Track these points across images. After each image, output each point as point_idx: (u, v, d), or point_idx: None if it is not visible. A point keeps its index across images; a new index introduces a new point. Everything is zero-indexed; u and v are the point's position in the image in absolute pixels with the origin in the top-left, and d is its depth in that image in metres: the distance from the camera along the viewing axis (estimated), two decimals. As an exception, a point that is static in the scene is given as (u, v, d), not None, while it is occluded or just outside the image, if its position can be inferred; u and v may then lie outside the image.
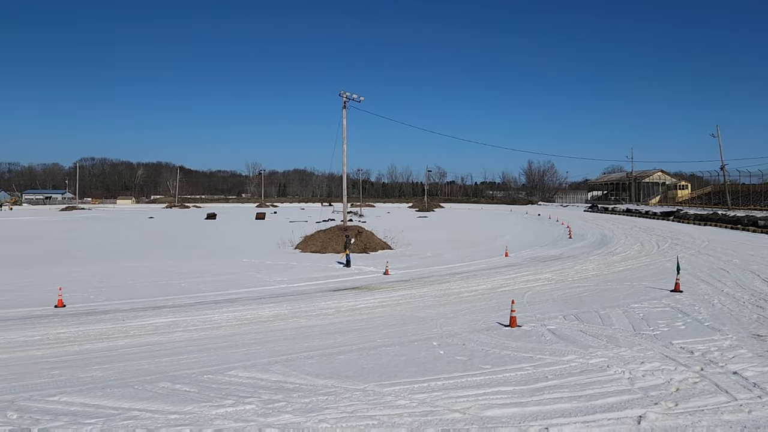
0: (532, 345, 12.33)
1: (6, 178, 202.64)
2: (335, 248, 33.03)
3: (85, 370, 10.94)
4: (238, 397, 9.13)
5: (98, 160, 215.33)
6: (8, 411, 8.58)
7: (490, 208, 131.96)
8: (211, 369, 10.80)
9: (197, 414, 8.37)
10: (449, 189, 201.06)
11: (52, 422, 8.10)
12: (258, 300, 18.78)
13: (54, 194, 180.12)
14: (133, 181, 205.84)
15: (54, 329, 14.65)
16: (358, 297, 19.24)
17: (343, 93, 36.75)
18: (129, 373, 10.70)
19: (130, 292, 20.58)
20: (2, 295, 19.73)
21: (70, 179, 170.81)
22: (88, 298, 19.33)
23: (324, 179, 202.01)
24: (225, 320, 15.71)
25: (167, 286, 21.72)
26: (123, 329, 14.65)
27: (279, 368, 10.76)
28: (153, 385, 9.83)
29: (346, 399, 8.97)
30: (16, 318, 16.12)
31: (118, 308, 17.50)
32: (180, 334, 14.09)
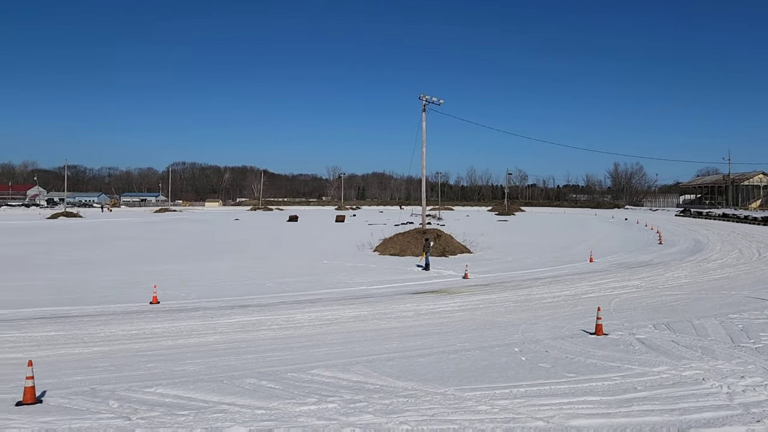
0: (620, 354, 11.84)
1: (107, 182, 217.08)
2: (414, 251, 33.08)
3: (178, 363, 11.51)
4: (321, 395, 9.31)
5: (189, 164, 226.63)
6: (110, 400, 9.16)
7: (574, 211, 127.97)
8: (294, 367, 11.08)
9: (282, 410, 8.62)
10: (530, 192, 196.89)
11: (149, 412, 8.57)
12: (338, 301, 19.10)
13: (149, 197, 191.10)
14: (220, 184, 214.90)
15: (149, 324, 15.50)
16: (438, 300, 19.18)
17: (423, 96, 36.78)
18: (218, 368, 11.16)
19: (218, 290, 21.45)
20: (103, 292, 21.08)
21: (163, 183, 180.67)
22: (180, 295, 20.31)
23: (402, 182, 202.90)
24: (307, 320, 16.08)
25: (252, 286, 22.48)
26: (212, 326, 15.30)
27: (360, 369, 10.89)
28: (240, 380, 10.20)
29: (427, 402, 8.95)
30: (116, 313, 17.17)
31: (207, 306, 18.28)
32: (265, 333, 14.55)
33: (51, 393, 9.49)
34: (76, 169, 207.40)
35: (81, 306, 18.18)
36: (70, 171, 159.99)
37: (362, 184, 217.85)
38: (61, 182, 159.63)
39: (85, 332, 14.56)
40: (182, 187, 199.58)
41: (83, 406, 8.87)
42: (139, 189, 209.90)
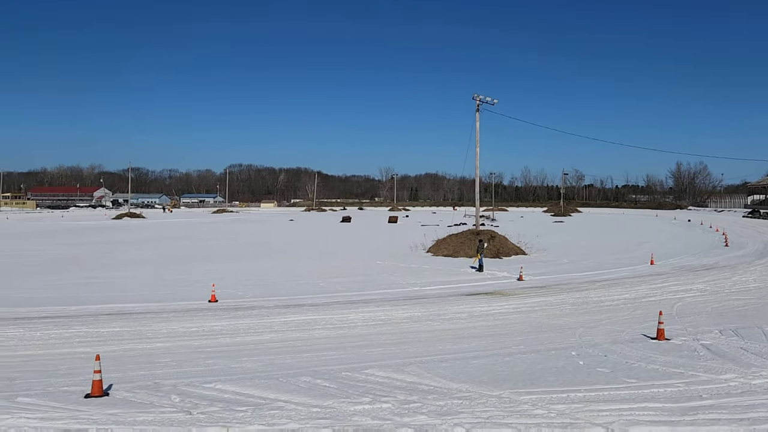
0: (684, 360, 11.41)
1: (167, 183, 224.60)
2: (467, 252, 32.81)
3: (236, 360, 11.78)
4: (375, 395, 9.35)
5: (245, 166, 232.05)
6: (172, 394, 9.46)
7: (633, 213, 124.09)
8: (348, 366, 11.17)
9: (336, 409, 8.70)
10: (587, 193, 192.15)
11: (209, 407, 8.81)
12: (391, 302, 19.14)
13: (207, 198, 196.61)
14: (275, 185, 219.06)
15: (208, 322, 15.94)
16: (492, 302, 18.96)
17: (477, 96, 36.45)
18: (274, 366, 11.36)
19: (274, 289, 21.86)
20: (164, 290, 21.81)
21: (220, 184, 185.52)
22: (237, 294, 20.79)
23: (455, 183, 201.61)
24: (361, 320, 16.18)
25: (307, 285, 22.80)
26: (268, 324, 15.60)
27: (413, 369, 10.88)
28: (296, 378, 10.36)
29: (481, 404, 8.86)
30: (176, 311, 17.72)
31: (263, 305, 18.65)
32: (319, 332, 14.73)
33: (117, 386, 9.88)
34: (139, 172, 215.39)
35: (144, 303, 18.86)
36: (134, 173, 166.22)
37: (415, 184, 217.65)
38: (125, 184, 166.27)
39: (148, 328, 15.10)
40: (239, 188, 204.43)
41: (147, 400, 9.20)
42: (197, 190, 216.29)
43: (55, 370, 11.14)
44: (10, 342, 13.67)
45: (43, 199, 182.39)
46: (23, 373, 10.95)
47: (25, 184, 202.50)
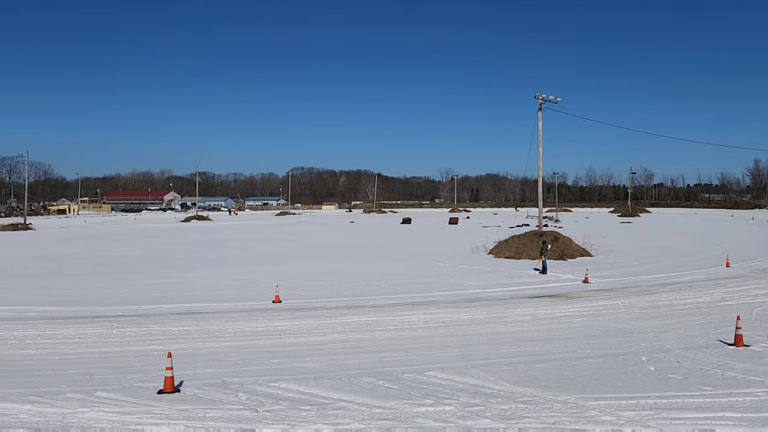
0: (765, 368, 10.80)
1: (232, 187, 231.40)
2: (530, 254, 32.21)
3: (300, 360, 11.99)
4: (438, 397, 9.31)
5: (306, 169, 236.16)
6: (239, 392, 9.73)
7: (706, 213, 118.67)
8: (410, 368, 11.16)
9: (399, 410, 8.71)
10: (656, 192, 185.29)
11: (275, 405, 9.00)
12: (453, 304, 19.01)
13: (270, 200, 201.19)
14: (335, 188, 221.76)
15: (273, 322, 16.29)
16: (556, 305, 18.54)
17: (539, 95, 35.77)
18: (337, 366, 11.49)
19: (336, 290, 22.12)
20: (231, 290, 22.45)
21: (283, 187, 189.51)
22: (300, 295, 21.16)
23: (517, 183, 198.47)
24: (422, 322, 16.15)
25: (368, 287, 22.96)
26: (330, 325, 15.79)
27: (476, 372, 10.77)
28: (358, 379, 10.44)
29: (547, 409, 8.67)
30: (242, 311, 18.21)
31: (326, 305, 18.90)
32: (381, 333, 14.80)
33: (187, 383, 10.23)
34: (206, 176, 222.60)
35: (211, 303, 19.47)
36: (201, 177, 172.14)
37: (476, 185, 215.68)
38: (193, 188, 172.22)
39: (216, 327, 15.58)
40: (301, 191, 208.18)
41: (215, 397, 9.49)
42: (261, 193, 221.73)
43: (131, 367, 11.65)
44: (90, 339, 14.40)
45: (117, 203, 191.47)
46: (101, 369, 11.51)
47: (101, 188, 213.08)
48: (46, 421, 8.44)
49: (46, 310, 18.38)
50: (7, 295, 21.43)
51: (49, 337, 14.57)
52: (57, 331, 15.27)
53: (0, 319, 16.95)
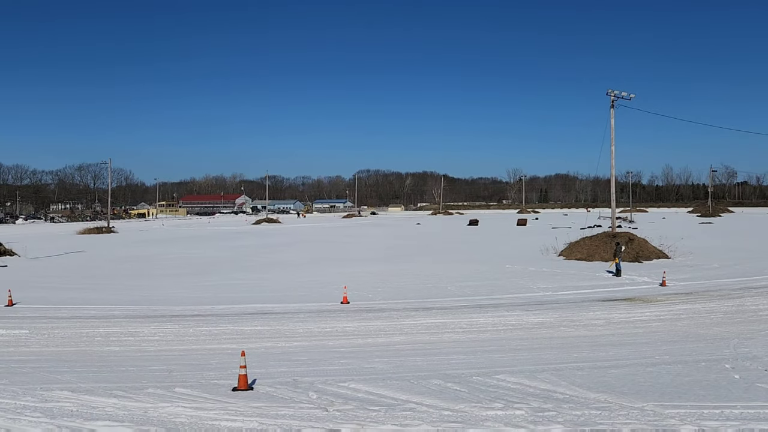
0: None
1: (300, 190, 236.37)
2: (603, 256, 31.21)
3: (368, 361, 12.09)
4: (507, 401, 9.17)
5: (372, 171, 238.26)
6: (309, 391, 9.91)
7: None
8: (479, 371, 11.04)
9: (468, 413, 8.63)
10: (740, 191, 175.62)
11: (344, 405, 9.12)
12: (522, 306, 18.67)
13: (337, 203, 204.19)
14: (401, 189, 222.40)
15: (341, 323, 16.51)
16: (631, 309, 17.88)
17: (611, 92, 34.62)
18: (405, 367, 11.52)
19: (402, 292, 22.17)
20: (300, 291, 22.91)
21: (350, 190, 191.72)
22: (368, 296, 21.34)
23: (588, 183, 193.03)
24: (490, 324, 15.95)
25: (435, 289, 22.88)
26: (398, 327, 15.84)
27: (547, 377, 10.53)
28: (426, 381, 10.43)
29: (622, 416, 8.37)
30: (311, 311, 18.54)
31: (393, 307, 18.97)
32: (449, 335, 14.72)
33: (260, 381, 10.52)
34: (276, 179, 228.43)
35: (282, 303, 19.93)
36: (271, 181, 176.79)
37: (544, 186, 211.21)
38: (263, 191, 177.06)
39: (287, 328, 15.94)
40: (367, 193, 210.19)
41: (287, 395, 9.71)
42: (328, 196, 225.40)
43: (206, 364, 12.09)
44: (168, 337, 15.05)
45: (192, 206, 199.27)
46: (179, 365, 12.01)
47: (177, 193, 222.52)
48: (129, 414, 8.88)
49: (128, 309, 19.35)
50: (94, 295, 22.70)
51: (132, 335, 15.33)
52: (138, 329, 16.04)
53: (87, 317, 17.98)
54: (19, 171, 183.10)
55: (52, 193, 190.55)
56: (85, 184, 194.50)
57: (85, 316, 18.25)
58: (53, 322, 17.29)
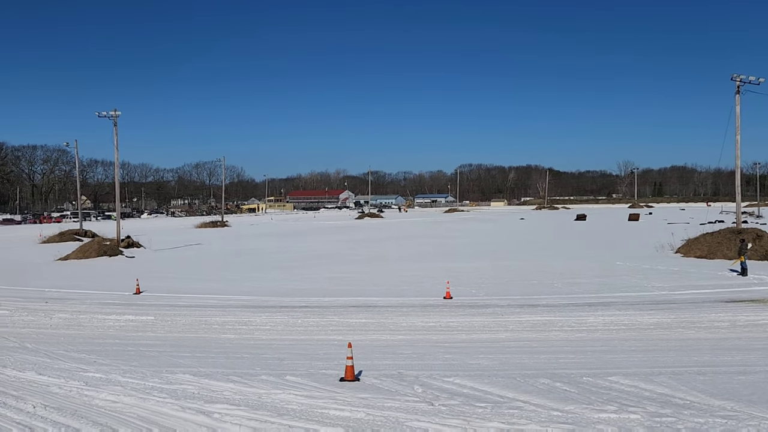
0: None
1: (402, 185, 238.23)
2: (726, 254, 28.96)
3: (473, 357, 11.98)
4: (621, 404, 8.74)
5: (474, 165, 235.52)
6: (414, 385, 9.98)
7: None
8: (589, 372, 10.62)
9: (579, 415, 8.32)
10: None
11: (449, 400, 9.10)
12: (635, 306, 17.73)
13: (438, 198, 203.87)
14: (505, 184, 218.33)
15: (444, 318, 16.47)
16: (759, 311, 16.47)
17: (736, 76, 31.98)
18: (510, 365, 11.30)
19: (507, 289, 21.75)
20: (403, 285, 23.10)
21: (451, 184, 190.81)
22: (471, 292, 21.13)
23: (708, 176, 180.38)
24: (601, 324, 15.29)
25: (540, 286, 22.26)
26: (502, 323, 15.57)
27: (664, 380, 9.94)
28: (533, 379, 10.17)
29: (752, 427, 7.73)
30: (414, 306, 18.64)
31: (497, 303, 18.66)
32: (556, 334, 14.27)
33: (366, 373, 10.73)
34: (378, 174, 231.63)
35: (385, 297, 20.20)
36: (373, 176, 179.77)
37: (659, 179, 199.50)
38: (365, 186, 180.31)
39: (390, 321, 16.14)
40: (469, 187, 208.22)
41: (392, 388, 9.83)
42: (429, 191, 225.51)
43: (315, 354, 12.51)
44: (279, 327, 15.72)
45: (298, 201, 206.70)
46: (289, 354, 12.51)
47: (284, 188, 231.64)
48: (245, 399, 9.37)
49: (241, 299, 20.40)
50: (211, 285, 24.15)
51: (245, 324, 16.16)
52: (251, 318, 16.88)
53: (205, 306, 19.17)
54: (144, 169, 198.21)
55: (172, 189, 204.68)
56: (201, 181, 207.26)
57: (203, 305, 19.47)
58: (175, 309, 18.60)
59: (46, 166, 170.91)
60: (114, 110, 43.59)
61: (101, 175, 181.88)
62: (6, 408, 9.31)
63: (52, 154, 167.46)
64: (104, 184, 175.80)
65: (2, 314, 18.57)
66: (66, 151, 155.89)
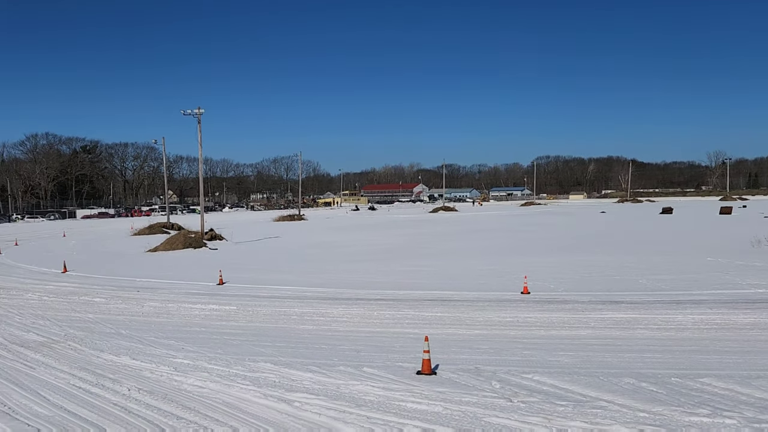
0: None
1: (477, 178, 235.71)
2: (831, 249, 26.82)
3: (552, 354, 11.67)
4: (714, 408, 8.26)
5: (552, 157, 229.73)
6: (492, 380, 9.83)
7: None
8: (678, 372, 10.11)
9: (668, 417, 7.94)
10: None
11: (528, 397, 8.90)
12: (728, 304, 16.70)
13: (514, 191, 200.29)
14: (584, 176, 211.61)
15: (521, 313, 16.14)
16: None
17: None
18: (592, 363, 10.93)
19: (587, 284, 21.04)
20: (478, 280, 22.82)
21: (528, 177, 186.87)
22: (549, 287, 20.59)
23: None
24: (690, 322, 14.51)
25: (623, 282, 21.39)
26: (583, 320, 15.09)
27: (763, 384, 9.30)
28: (617, 379, 9.79)
29: None
30: (490, 300, 18.37)
31: (577, 299, 18.09)
32: (641, 332, 13.67)
33: (442, 367, 10.67)
34: (452, 168, 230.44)
35: (460, 291, 20.01)
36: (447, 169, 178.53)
37: (754, 169, 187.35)
38: (439, 180, 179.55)
39: (467, 315, 15.98)
40: (546, 180, 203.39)
41: (470, 383, 9.73)
42: (505, 184, 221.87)
43: (391, 347, 12.56)
44: (355, 319, 15.92)
45: (372, 195, 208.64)
46: (366, 346, 12.63)
47: (359, 182, 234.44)
48: (324, 389, 9.55)
49: (318, 291, 20.80)
50: (289, 277, 24.78)
51: (322, 315, 16.47)
52: (328, 310, 17.18)
53: (285, 297, 19.69)
54: (225, 165, 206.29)
55: (252, 183, 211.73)
56: (279, 176, 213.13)
57: (281, 296, 20.00)
58: (255, 300, 19.21)
59: (137, 162, 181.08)
60: (198, 108, 45.47)
61: (186, 170, 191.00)
62: (104, 390, 9.94)
63: (142, 151, 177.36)
64: (189, 179, 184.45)
65: (99, 302, 19.83)
66: (154, 148, 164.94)
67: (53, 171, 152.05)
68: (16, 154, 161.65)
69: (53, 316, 17.55)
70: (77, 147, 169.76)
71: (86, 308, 18.85)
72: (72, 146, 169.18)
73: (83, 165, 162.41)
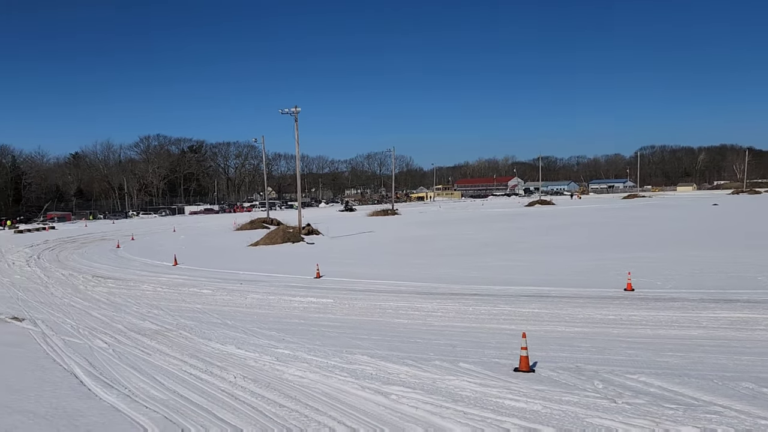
0: None
1: (575, 170, 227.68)
2: None
3: (659, 354, 11.07)
4: None
5: (657, 147, 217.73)
6: (594, 380, 9.47)
7: None
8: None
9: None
10: None
11: (634, 398, 8.50)
12: None
13: (616, 183, 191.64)
14: (693, 166, 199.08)
15: (625, 311, 15.41)
16: None
17: None
18: (705, 365, 10.26)
19: (697, 281, 19.77)
20: (577, 276, 22.01)
21: (630, 168, 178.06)
22: (655, 284, 19.53)
23: None
24: (818, 324, 13.28)
25: (739, 279, 19.90)
26: (694, 319, 14.20)
27: None
28: (734, 383, 9.13)
29: None
30: (591, 297, 17.68)
31: (686, 297, 17.05)
32: (761, 333, 12.67)
33: (541, 365, 10.41)
34: (548, 160, 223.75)
35: (558, 287, 19.41)
36: (543, 162, 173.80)
37: None
38: (535, 173, 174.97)
39: (565, 312, 15.49)
40: (651, 171, 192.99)
41: (570, 382, 9.42)
42: (606, 176, 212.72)
43: (487, 343, 12.41)
44: (450, 314, 15.85)
45: (466, 189, 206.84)
46: (462, 342, 12.55)
47: (452, 177, 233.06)
48: (420, 383, 9.59)
49: (412, 285, 20.89)
50: (383, 271, 25.07)
51: (417, 309, 16.53)
52: (423, 304, 17.22)
53: (380, 291, 19.95)
54: (320, 161, 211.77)
55: (346, 179, 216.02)
56: (373, 171, 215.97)
57: (376, 290, 20.27)
58: (351, 293, 19.60)
59: (238, 160, 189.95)
60: (294, 107, 46.92)
61: (284, 167, 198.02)
62: (213, 377, 10.52)
63: (243, 150, 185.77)
64: (286, 176, 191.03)
65: (206, 293, 21.01)
66: (254, 147, 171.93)
67: (164, 170, 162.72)
68: (131, 154, 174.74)
69: (166, 306, 18.80)
70: (185, 147, 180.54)
71: (195, 299, 20.04)
72: (180, 146, 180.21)
73: (190, 164, 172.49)
